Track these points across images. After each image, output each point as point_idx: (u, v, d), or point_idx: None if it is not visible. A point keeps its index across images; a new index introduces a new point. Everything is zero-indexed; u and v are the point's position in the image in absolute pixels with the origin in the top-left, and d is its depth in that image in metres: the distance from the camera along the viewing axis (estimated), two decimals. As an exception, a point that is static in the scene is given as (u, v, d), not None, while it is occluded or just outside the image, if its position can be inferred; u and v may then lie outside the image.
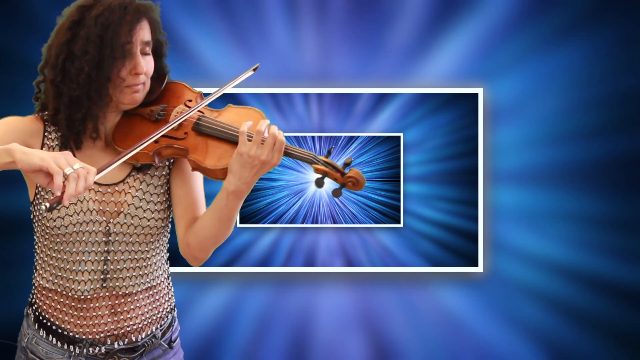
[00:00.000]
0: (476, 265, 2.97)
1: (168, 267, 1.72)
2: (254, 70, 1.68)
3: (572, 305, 2.99)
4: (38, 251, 1.60)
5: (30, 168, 1.24)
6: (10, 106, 2.88)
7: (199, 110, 1.58)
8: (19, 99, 2.89)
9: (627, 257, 2.96)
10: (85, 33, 1.45)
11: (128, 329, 1.61)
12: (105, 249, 1.56)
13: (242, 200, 1.53)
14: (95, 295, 1.57)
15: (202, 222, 1.57)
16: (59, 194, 1.23)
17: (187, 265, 2.88)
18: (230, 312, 3.02)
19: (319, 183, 1.50)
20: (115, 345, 1.60)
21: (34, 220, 1.57)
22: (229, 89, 1.63)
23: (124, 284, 1.59)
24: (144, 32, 1.52)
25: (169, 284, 1.72)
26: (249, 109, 1.59)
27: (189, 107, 1.60)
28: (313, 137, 2.96)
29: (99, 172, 1.32)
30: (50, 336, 1.58)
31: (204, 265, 2.94)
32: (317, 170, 1.50)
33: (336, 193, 1.50)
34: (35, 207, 1.55)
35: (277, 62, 2.99)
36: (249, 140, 1.47)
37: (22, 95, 2.89)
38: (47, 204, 1.22)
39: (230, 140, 1.53)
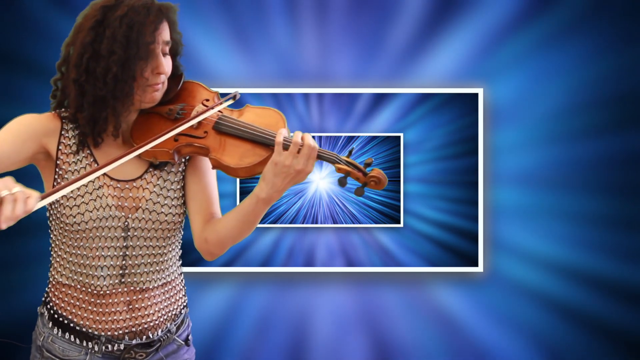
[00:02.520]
0: (476, 265, 2.97)
1: (180, 265, 1.74)
2: (234, 99, 1.69)
3: (573, 305, 2.99)
4: (55, 248, 1.61)
5: None
6: (9, 107, 2.88)
7: (218, 110, 1.61)
8: (18, 99, 2.90)
9: (627, 256, 2.96)
10: (111, 33, 1.47)
11: (145, 325, 1.62)
12: (124, 244, 1.58)
13: (270, 205, 1.55)
14: (113, 291, 1.58)
15: (225, 222, 1.59)
16: None
17: (188, 265, 2.90)
18: (230, 312, 3.02)
19: (342, 182, 1.53)
20: (133, 342, 1.61)
21: (51, 218, 1.59)
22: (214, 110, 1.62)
23: (141, 279, 1.61)
24: (165, 33, 1.55)
25: (181, 281, 1.74)
26: (268, 109, 1.62)
27: (207, 106, 1.63)
28: (313, 137, 2.95)
29: (59, 189, 1.29)
30: (67, 333, 1.59)
31: (204, 265, 2.94)
32: (339, 170, 1.52)
33: (359, 192, 1.52)
34: (52, 205, 1.56)
35: (277, 62, 2.99)
36: (285, 150, 1.48)
37: (20, 95, 2.90)
38: None
39: (252, 139, 1.55)
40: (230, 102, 1.64)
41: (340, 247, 2.99)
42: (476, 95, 2.96)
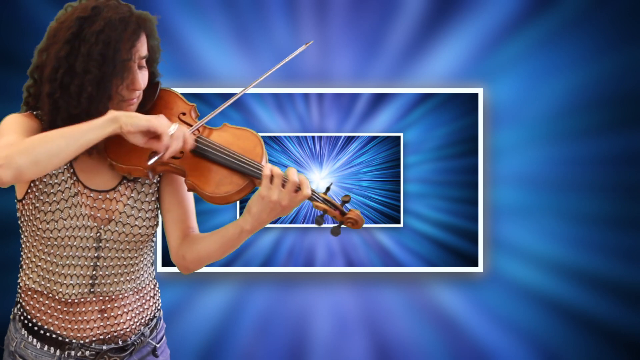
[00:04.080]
0: (476, 265, 2.97)
1: (154, 269, 1.72)
2: (307, 45, 1.73)
3: (572, 305, 2.98)
4: (26, 251, 1.58)
5: (136, 130, 1.38)
6: (9, 107, 2.88)
7: (197, 129, 1.58)
8: (17, 99, 2.89)
9: (627, 256, 2.96)
10: (86, 50, 1.43)
11: (115, 334, 1.61)
12: (95, 254, 1.56)
13: (252, 234, 1.55)
14: (82, 300, 1.57)
15: (206, 245, 1.58)
16: (162, 147, 1.42)
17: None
18: (230, 312, 3.02)
19: (319, 222, 1.51)
20: (104, 347, 1.60)
21: (22, 220, 1.56)
22: (279, 66, 1.68)
23: (111, 289, 1.59)
24: (142, 48, 1.51)
25: (155, 285, 1.73)
26: (245, 130, 1.59)
27: (183, 120, 1.60)
28: (313, 137, 2.96)
29: (204, 120, 1.52)
30: (36, 340, 1.56)
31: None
32: (316, 207, 1.50)
33: (335, 232, 1.51)
34: (24, 207, 1.54)
35: (278, 62, 2.98)
36: (271, 183, 1.47)
37: (20, 94, 2.90)
38: (151, 161, 1.44)
39: (229, 166, 1.52)
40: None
41: (341, 247, 2.99)
42: (476, 95, 2.96)
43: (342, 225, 1.51)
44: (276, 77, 2.98)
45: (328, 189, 1.52)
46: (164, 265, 2.94)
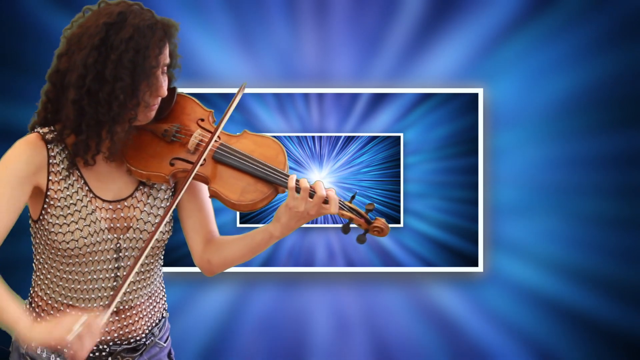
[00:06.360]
0: (476, 265, 2.97)
1: (162, 272, 1.73)
2: (243, 88, 1.66)
3: (572, 305, 2.99)
4: (42, 269, 1.57)
5: (38, 344, 1.44)
6: (9, 107, 2.88)
7: (217, 136, 1.57)
8: (18, 99, 2.89)
9: (629, 257, 2.96)
10: (117, 57, 1.41)
11: (132, 339, 1.62)
12: (116, 265, 1.56)
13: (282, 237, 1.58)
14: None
15: (233, 250, 1.61)
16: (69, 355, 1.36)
17: (187, 265, 2.90)
18: (231, 312, 3.02)
19: (346, 229, 1.52)
20: (118, 348, 1.60)
21: (37, 239, 1.55)
22: (230, 112, 1.60)
23: (130, 297, 1.60)
24: (167, 55, 1.50)
25: (162, 288, 1.74)
26: (267, 138, 1.59)
27: (202, 127, 1.59)
28: (313, 137, 2.96)
29: (120, 288, 1.43)
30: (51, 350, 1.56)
31: (204, 265, 2.94)
32: (342, 215, 1.51)
33: (361, 240, 1.52)
34: (39, 228, 1.52)
35: (278, 62, 2.99)
36: (297, 193, 1.49)
37: (20, 95, 2.90)
38: None
39: (253, 174, 1.53)
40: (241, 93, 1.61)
41: (341, 247, 2.99)
42: (476, 95, 2.96)
43: (368, 233, 1.52)
44: (276, 77, 2.98)
45: (353, 197, 1.53)
46: (164, 265, 2.93)
